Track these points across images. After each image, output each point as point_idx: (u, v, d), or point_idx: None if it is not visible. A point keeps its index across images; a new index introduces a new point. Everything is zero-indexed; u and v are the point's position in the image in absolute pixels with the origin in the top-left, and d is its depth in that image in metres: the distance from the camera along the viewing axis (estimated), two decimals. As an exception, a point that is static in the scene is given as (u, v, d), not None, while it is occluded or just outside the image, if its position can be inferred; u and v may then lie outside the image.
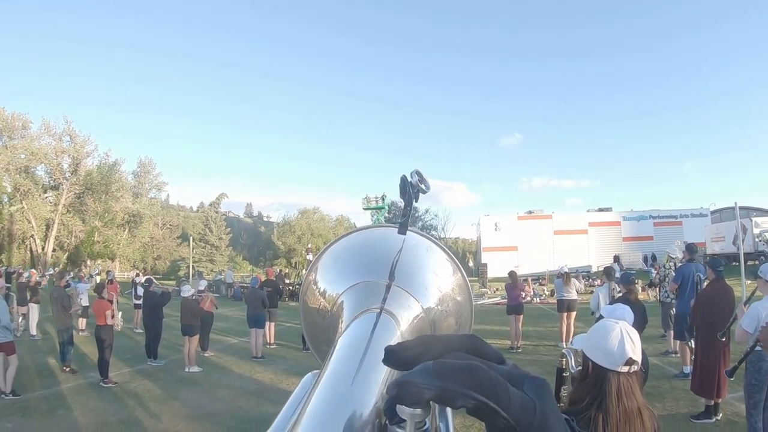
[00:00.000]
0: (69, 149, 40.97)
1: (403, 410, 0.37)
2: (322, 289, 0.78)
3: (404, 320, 0.62)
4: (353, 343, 0.54)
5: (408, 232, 0.68)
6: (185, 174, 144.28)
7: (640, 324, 4.67)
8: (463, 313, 0.75)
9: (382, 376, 0.46)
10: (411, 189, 0.60)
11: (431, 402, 0.36)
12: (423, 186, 0.61)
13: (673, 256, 9.88)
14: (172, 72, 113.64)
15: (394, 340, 0.53)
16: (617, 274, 8.95)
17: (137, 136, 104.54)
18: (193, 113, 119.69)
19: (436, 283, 0.74)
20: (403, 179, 0.60)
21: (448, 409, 0.44)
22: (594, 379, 1.66)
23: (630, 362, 1.62)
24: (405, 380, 0.35)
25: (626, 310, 1.84)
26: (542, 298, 21.00)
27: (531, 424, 0.31)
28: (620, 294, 7.57)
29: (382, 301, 0.62)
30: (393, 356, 0.39)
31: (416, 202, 0.62)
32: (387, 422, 0.43)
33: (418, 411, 0.36)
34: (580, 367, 1.86)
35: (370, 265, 0.75)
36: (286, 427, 0.51)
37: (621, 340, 1.63)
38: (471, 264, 52.14)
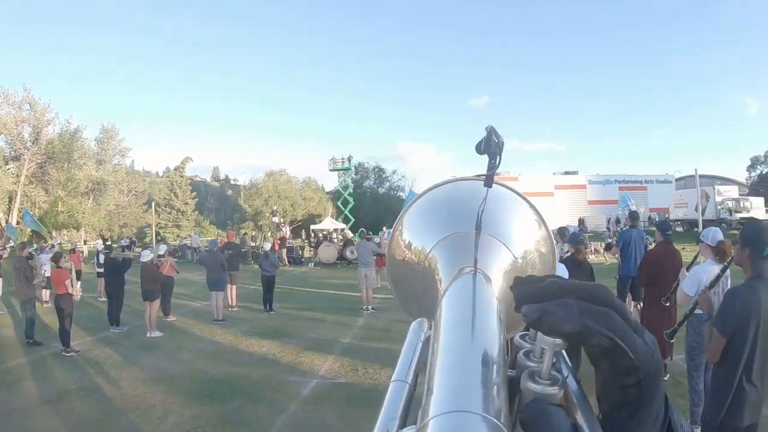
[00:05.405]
0: (29, 118, 39.33)
1: (544, 340, 0.37)
2: (407, 242, 0.79)
3: (496, 273, 0.63)
4: (459, 303, 0.55)
5: (494, 184, 0.68)
6: (150, 139, 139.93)
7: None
8: (546, 268, 0.74)
9: (497, 332, 0.47)
10: (497, 141, 0.60)
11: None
12: (502, 141, 0.62)
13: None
14: (141, 27, 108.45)
15: (494, 298, 0.56)
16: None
17: (100, 101, 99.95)
18: (157, 74, 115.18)
19: (522, 234, 0.75)
20: (489, 131, 0.60)
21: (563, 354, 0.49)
22: None
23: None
24: (546, 308, 0.35)
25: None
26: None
27: (651, 368, 0.37)
28: (567, 254, 7.86)
29: (474, 261, 0.62)
30: (522, 282, 0.42)
31: (500, 155, 0.61)
32: (516, 357, 0.44)
33: (559, 341, 0.36)
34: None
35: (457, 216, 0.75)
36: (409, 374, 0.55)
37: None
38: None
